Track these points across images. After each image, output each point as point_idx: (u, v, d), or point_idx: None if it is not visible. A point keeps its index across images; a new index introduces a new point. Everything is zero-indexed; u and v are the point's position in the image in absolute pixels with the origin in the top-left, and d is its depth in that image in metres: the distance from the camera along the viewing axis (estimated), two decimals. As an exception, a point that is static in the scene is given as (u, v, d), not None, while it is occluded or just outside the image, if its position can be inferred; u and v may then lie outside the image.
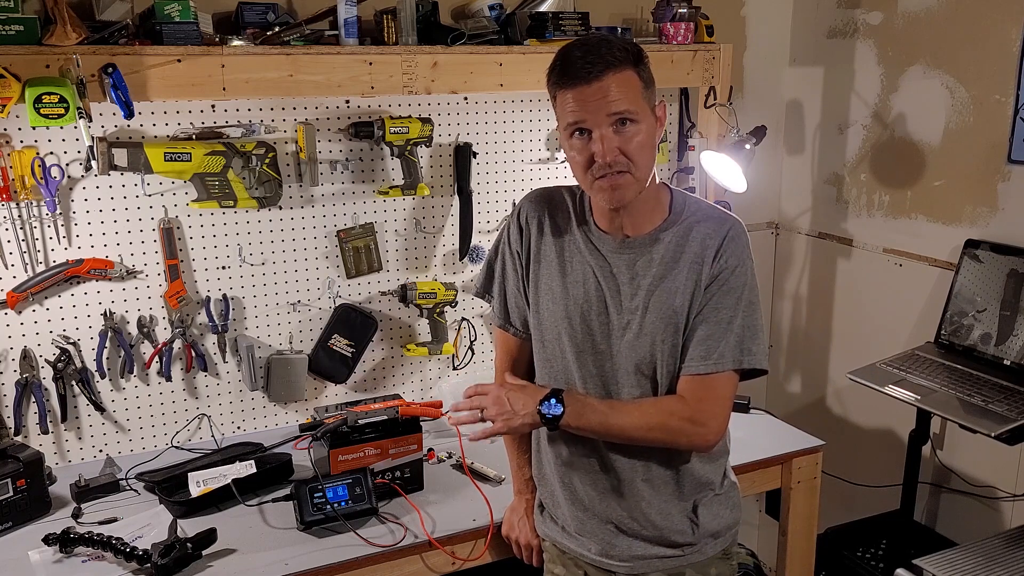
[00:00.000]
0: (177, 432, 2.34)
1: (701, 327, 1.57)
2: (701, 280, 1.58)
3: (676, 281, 1.58)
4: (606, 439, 1.63)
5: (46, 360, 2.16)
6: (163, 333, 2.28)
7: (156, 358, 2.27)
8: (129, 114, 1.95)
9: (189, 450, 2.30)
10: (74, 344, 2.19)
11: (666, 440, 1.60)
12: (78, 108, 1.89)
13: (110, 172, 2.13)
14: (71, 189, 2.13)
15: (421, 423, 2.11)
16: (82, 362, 2.21)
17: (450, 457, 2.26)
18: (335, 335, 2.43)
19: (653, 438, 1.60)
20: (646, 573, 1.71)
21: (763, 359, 1.59)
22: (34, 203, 2.08)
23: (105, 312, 2.20)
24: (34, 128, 2.03)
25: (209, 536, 1.81)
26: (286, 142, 2.31)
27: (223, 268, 2.32)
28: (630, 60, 1.49)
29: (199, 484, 2.03)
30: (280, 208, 2.34)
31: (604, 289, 1.63)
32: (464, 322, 2.63)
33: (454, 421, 1.70)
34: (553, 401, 1.58)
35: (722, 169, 2.61)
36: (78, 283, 2.17)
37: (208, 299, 2.31)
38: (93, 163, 2.06)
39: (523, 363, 1.82)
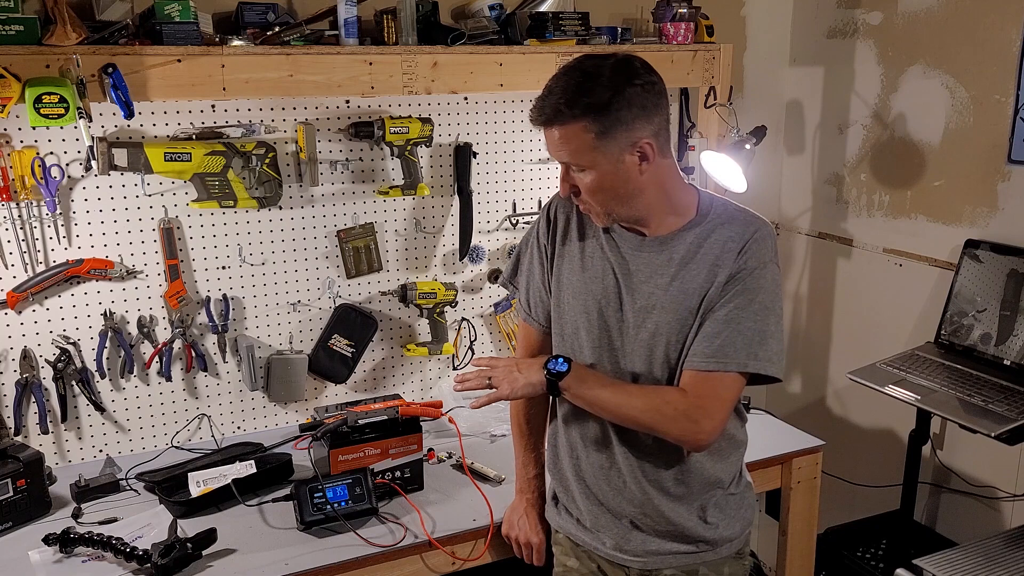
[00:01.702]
0: (177, 432, 2.34)
1: (710, 324, 1.56)
2: (719, 280, 1.56)
3: (692, 281, 1.57)
4: (602, 412, 1.62)
5: (46, 360, 2.16)
6: (163, 333, 2.28)
7: (156, 358, 2.27)
8: (129, 114, 1.95)
9: (189, 450, 2.30)
10: (74, 344, 2.19)
11: (656, 427, 1.57)
12: (78, 108, 1.89)
13: (110, 172, 2.13)
14: (71, 189, 2.13)
15: (421, 423, 2.11)
16: (82, 362, 2.21)
17: (450, 457, 2.26)
18: (335, 335, 2.43)
19: (644, 421, 1.58)
20: (660, 569, 1.71)
21: (771, 366, 1.55)
22: (34, 203, 2.07)
23: (105, 312, 2.20)
24: (34, 128, 2.03)
25: (209, 536, 1.81)
26: (286, 142, 2.31)
27: (223, 268, 2.32)
28: (581, 113, 1.48)
29: (199, 484, 2.03)
30: (280, 208, 2.34)
31: (621, 286, 1.63)
32: (464, 322, 2.63)
33: (460, 388, 1.68)
34: (560, 360, 1.60)
35: (722, 169, 2.60)
36: (78, 283, 2.17)
37: (208, 299, 2.31)
38: (93, 163, 2.06)
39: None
